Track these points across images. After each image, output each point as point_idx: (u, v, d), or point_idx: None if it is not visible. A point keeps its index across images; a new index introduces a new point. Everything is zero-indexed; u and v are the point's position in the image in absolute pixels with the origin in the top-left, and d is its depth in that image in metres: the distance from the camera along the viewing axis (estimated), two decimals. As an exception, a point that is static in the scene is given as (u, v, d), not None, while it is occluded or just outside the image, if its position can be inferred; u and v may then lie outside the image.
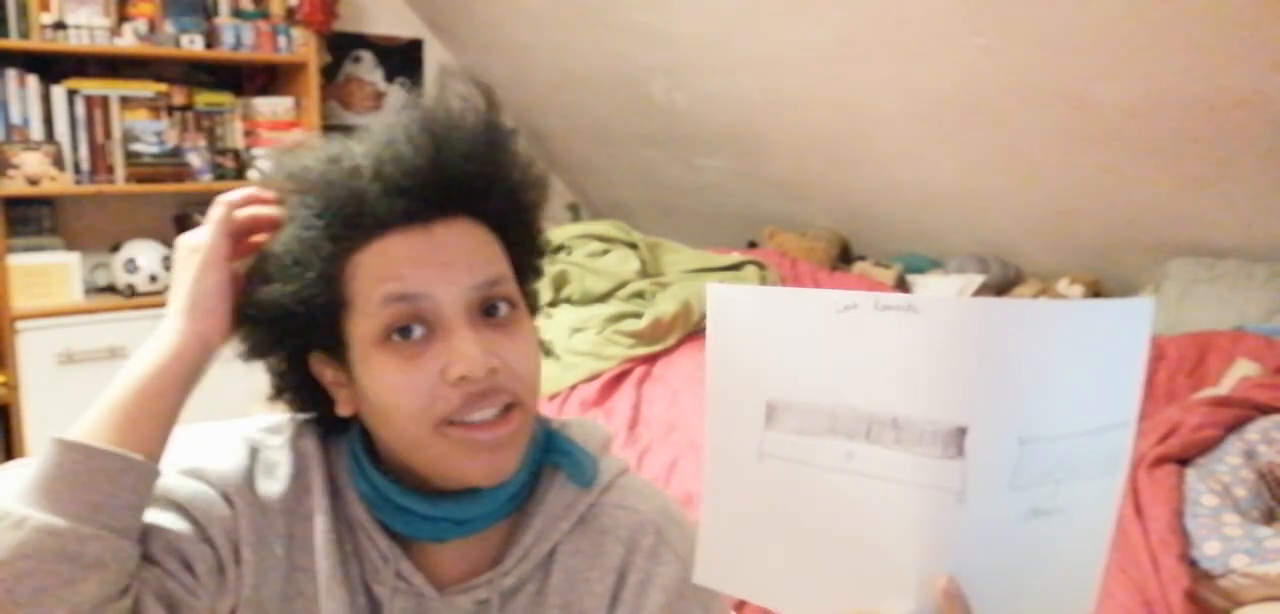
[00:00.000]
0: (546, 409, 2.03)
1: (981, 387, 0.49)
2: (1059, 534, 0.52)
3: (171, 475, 0.70)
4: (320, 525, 0.72)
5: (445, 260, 0.67)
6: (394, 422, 0.67)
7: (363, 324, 0.67)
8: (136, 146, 3.01)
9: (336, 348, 0.69)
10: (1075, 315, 0.49)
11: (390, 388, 0.66)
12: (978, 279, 2.95)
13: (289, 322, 0.68)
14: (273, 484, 0.74)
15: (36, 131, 2.90)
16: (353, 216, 0.67)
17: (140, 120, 3.04)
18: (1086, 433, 0.50)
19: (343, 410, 0.72)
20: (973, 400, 0.49)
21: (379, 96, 3.79)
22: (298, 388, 0.74)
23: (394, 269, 0.66)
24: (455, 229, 0.68)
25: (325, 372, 0.72)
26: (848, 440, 0.53)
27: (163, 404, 0.67)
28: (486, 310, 0.68)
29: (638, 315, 2.57)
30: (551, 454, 0.76)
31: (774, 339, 0.55)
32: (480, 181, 0.69)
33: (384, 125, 0.69)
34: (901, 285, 3.04)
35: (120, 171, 3.01)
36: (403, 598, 0.72)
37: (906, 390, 0.51)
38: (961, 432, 0.49)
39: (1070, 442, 0.50)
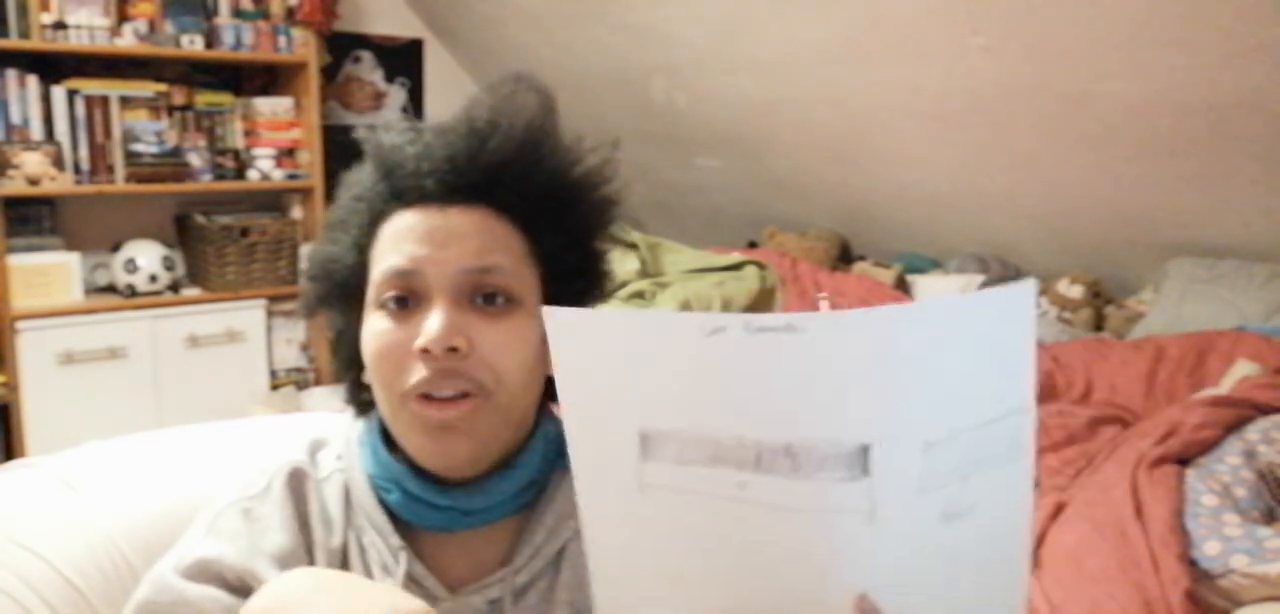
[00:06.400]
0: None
1: (882, 400, 0.46)
2: (974, 535, 0.49)
3: (177, 581, 0.69)
4: (322, 557, 0.73)
5: (445, 240, 0.69)
6: (374, 386, 0.71)
7: (369, 288, 0.72)
8: (136, 146, 3.01)
9: (361, 310, 0.74)
10: (961, 309, 0.48)
11: (372, 352, 0.70)
12: (978, 279, 2.95)
13: (326, 277, 0.75)
14: (273, 540, 0.73)
15: (36, 131, 2.90)
16: (387, 190, 0.72)
17: (140, 120, 3.04)
18: (985, 424, 0.48)
19: (366, 376, 0.75)
20: (875, 415, 0.46)
21: (379, 96, 3.80)
22: (347, 350, 0.77)
23: (399, 242, 0.70)
24: (470, 215, 0.71)
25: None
26: (737, 470, 0.49)
27: None
28: (480, 297, 0.69)
29: (638, 315, 2.56)
30: (563, 456, 0.77)
31: (640, 365, 0.51)
32: (505, 177, 0.72)
33: (455, 115, 0.75)
34: (901, 285, 3.04)
35: (120, 171, 3.01)
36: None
37: (799, 415, 0.47)
38: (865, 449, 0.46)
39: (970, 435, 0.48)
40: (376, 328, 0.70)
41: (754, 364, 0.47)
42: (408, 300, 0.69)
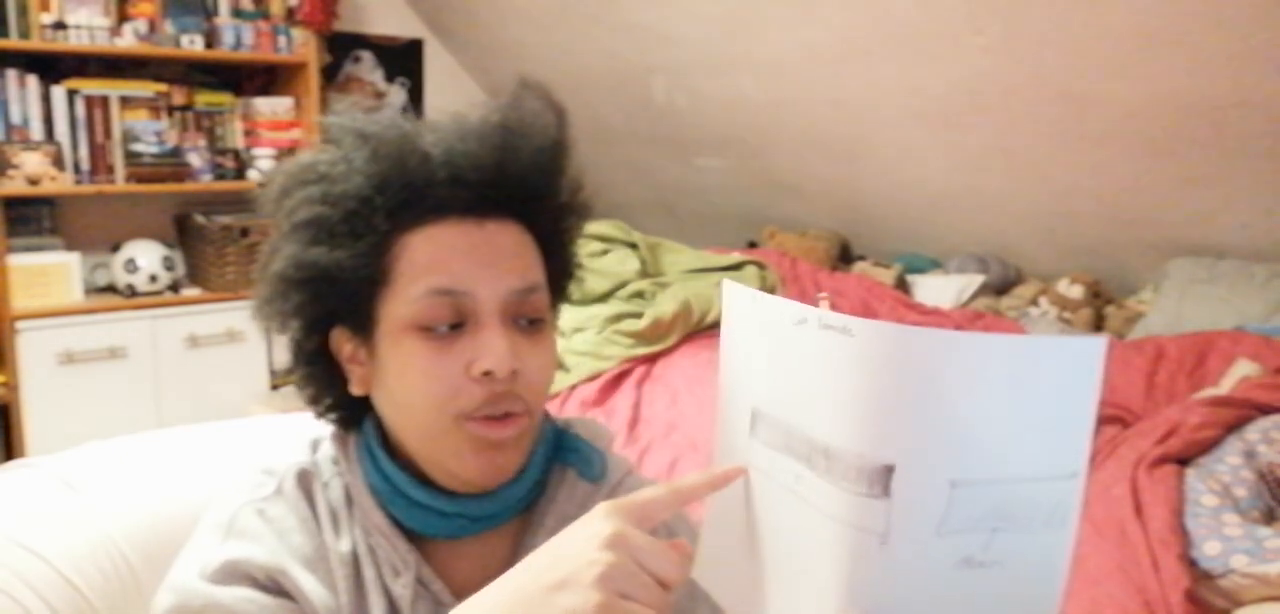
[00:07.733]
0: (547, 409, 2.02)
1: (912, 423, 0.45)
2: (997, 588, 0.47)
3: (206, 586, 0.67)
4: (335, 560, 0.71)
5: (492, 258, 0.68)
6: (413, 408, 0.68)
7: (399, 305, 0.67)
8: (136, 146, 3.01)
9: (363, 323, 0.69)
10: (1018, 352, 0.45)
11: (417, 374, 0.67)
12: (978, 279, 2.95)
13: (324, 286, 0.68)
14: (296, 542, 0.71)
15: (36, 131, 2.90)
16: (415, 197, 0.68)
17: (140, 120, 3.04)
18: (1026, 480, 0.46)
19: (355, 389, 0.72)
20: (902, 437, 0.45)
21: (379, 96, 3.79)
22: (313, 361, 0.73)
23: (442, 259, 0.67)
24: (506, 230, 0.70)
25: (345, 347, 0.72)
26: (797, 461, 0.50)
27: None
28: (518, 318, 0.69)
29: (638, 315, 2.57)
30: (561, 452, 0.77)
31: (758, 344, 0.53)
32: (537, 192, 0.72)
33: (457, 118, 0.71)
34: (901, 285, 3.04)
35: (120, 171, 3.01)
36: (423, 603, 0.72)
37: (838, 420, 0.47)
38: (888, 470, 0.45)
39: (1007, 488, 0.46)
40: (419, 351, 0.67)
41: (819, 360, 0.48)
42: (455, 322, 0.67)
